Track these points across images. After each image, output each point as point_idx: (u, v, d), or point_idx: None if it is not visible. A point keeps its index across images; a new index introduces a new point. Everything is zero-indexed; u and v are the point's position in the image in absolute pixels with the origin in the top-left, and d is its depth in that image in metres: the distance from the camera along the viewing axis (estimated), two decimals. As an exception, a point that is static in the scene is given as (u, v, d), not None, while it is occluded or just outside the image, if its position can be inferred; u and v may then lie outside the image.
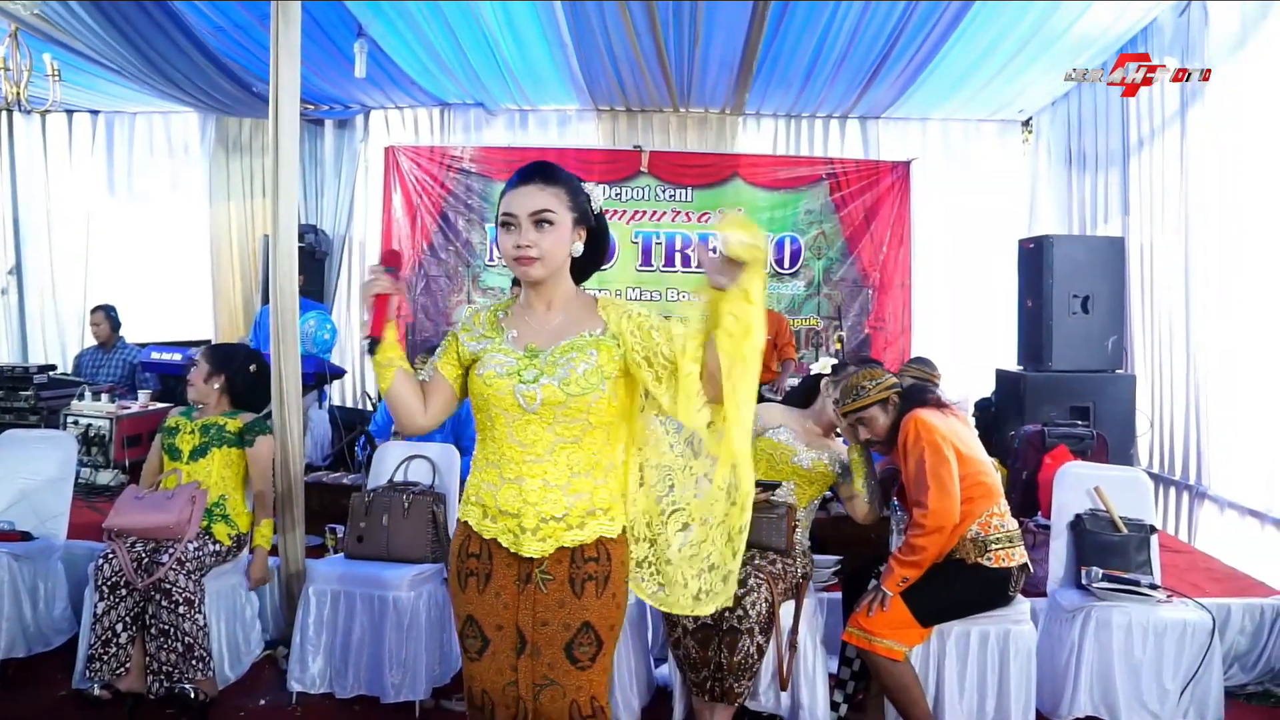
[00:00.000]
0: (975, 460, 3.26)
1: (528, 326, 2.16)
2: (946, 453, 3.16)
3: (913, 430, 3.24)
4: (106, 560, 3.44)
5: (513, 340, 2.14)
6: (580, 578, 2.07)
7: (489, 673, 2.10)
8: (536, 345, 2.11)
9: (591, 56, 6.93)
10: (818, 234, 8.47)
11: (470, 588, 2.13)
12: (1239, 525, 5.10)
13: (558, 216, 2.08)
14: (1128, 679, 3.33)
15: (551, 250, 2.08)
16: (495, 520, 2.10)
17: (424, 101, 8.49)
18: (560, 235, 2.09)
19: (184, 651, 3.38)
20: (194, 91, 7.33)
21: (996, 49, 6.42)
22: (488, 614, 2.11)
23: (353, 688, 3.58)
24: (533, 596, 2.08)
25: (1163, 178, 5.90)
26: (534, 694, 2.06)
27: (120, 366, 6.93)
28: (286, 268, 3.87)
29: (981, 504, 3.21)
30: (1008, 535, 3.22)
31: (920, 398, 3.39)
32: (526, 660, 2.07)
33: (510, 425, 2.08)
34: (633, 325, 2.10)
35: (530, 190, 2.08)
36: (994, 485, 3.27)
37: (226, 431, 3.80)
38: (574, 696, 2.05)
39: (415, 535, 3.70)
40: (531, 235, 2.06)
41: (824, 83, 7.47)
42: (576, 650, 2.06)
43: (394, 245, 8.47)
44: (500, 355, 2.11)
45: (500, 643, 2.09)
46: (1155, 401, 6.01)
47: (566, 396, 2.04)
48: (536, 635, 2.06)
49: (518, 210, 2.07)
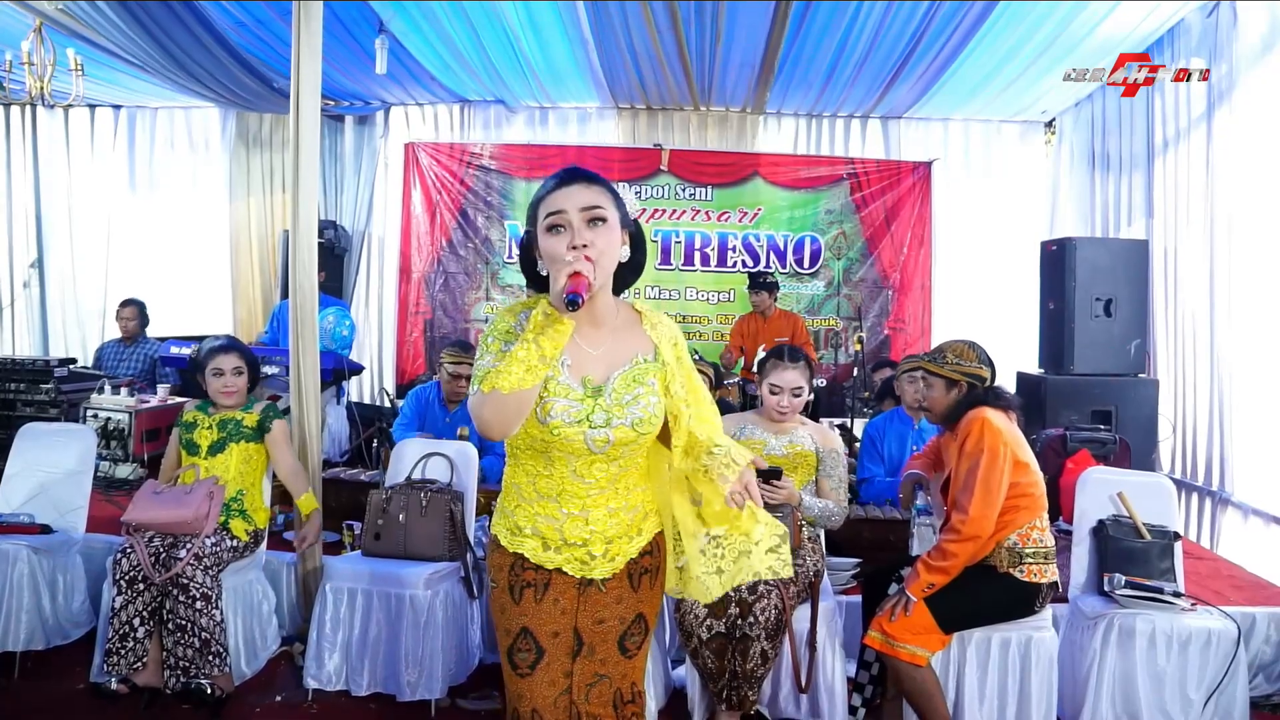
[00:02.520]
0: (1030, 470, 3.21)
1: (580, 352, 1.99)
2: (1002, 463, 3.12)
3: (977, 430, 3.17)
4: (124, 554, 3.45)
5: (568, 372, 1.97)
6: (638, 573, 2.07)
7: (541, 686, 2.03)
8: (593, 378, 1.98)
9: (613, 53, 6.91)
10: (838, 234, 8.43)
11: (526, 599, 2.05)
12: (1263, 533, 5.04)
13: (609, 215, 1.92)
14: (1150, 688, 3.29)
15: (607, 250, 1.91)
16: (559, 551, 2.03)
17: (444, 98, 8.50)
18: (614, 235, 1.94)
19: (200, 647, 3.38)
20: (215, 86, 7.34)
21: (1020, 50, 6.36)
22: (544, 622, 2.04)
23: (369, 685, 3.58)
24: (593, 598, 2.06)
25: (1188, 180, 5.83)
26: (585, 694, 2.04)
27: (141, 360, 6.95)
28: (306, 263, 3.87)
29: (1025, 515, 3.17)
30: (1044, 551, 3.18)
31: (993, 398, 3.30)
32: (581, 661, 2.05)
33: (572, 465, 2.00)
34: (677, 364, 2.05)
35: (577, 189, 1.91)
36: (1041, 498, 3.22)
37: (244, 427, 3.80)
38: (619, 685, 2.06)
39: (433, 533, 3.69)
40: (587, 234, 1.88)
41: (845, 82, 7.43)
42: (628, 641, 2.06)
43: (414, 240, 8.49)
44: (563, 400, 1.94)
45: (556, 650, 2.04)
46: (1178, 406, 5.94)
47: (638, 436, 1.97)
48: (593, 635, 2.05)
49: (568, 206, 1.90)
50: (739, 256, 8.47)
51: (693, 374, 2.09)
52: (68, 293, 9.02)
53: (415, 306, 8.59)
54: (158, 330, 7.34)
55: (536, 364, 1.83)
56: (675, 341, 2.07)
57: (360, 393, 8.58)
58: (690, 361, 2.11)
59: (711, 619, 3.12)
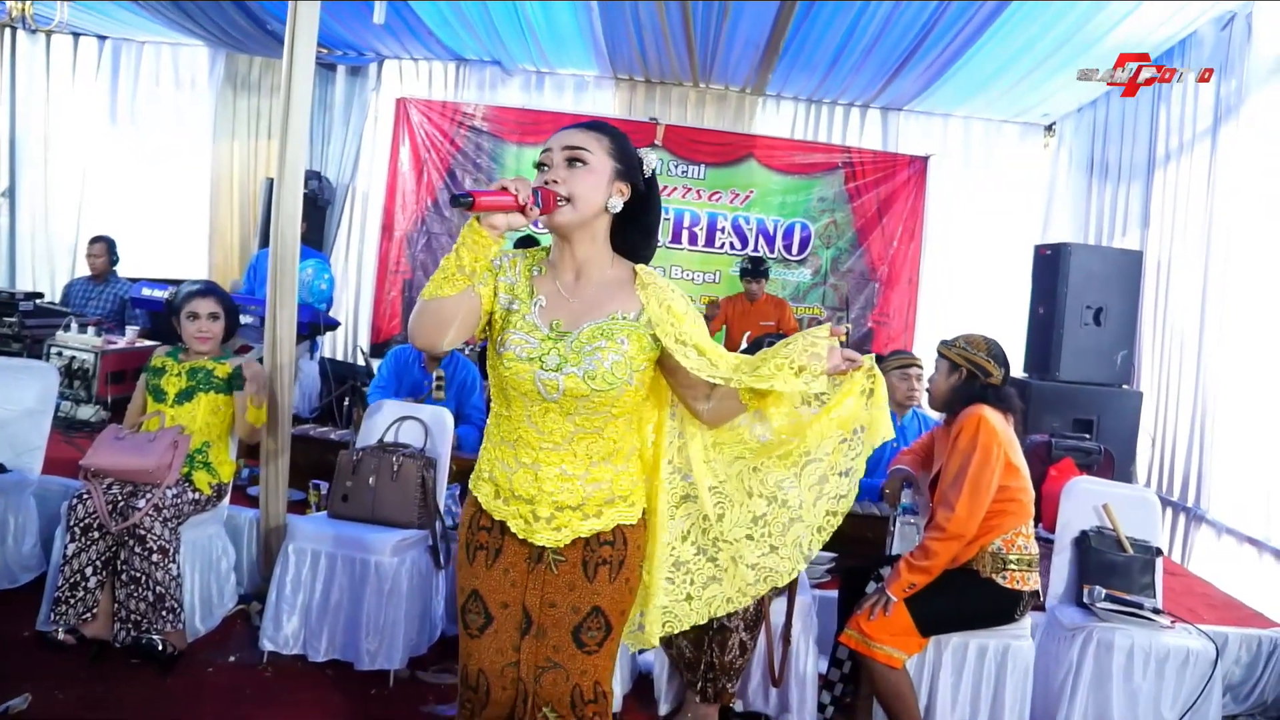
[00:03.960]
0: (1021, 475, 3.15)
1: (556, 295, 1.97)
2: (994, 463, 3.05)
3: (972, 427, 3.10)
4: (81, 500, 3.32)
5: (539, 311, 1.95)
6: (594, 561, 1.98)
7: (488, 651, 1.99)
8: (563, 323, 1.94)
9: (616, 22, 6.77)
10: (829, 222, 8.34)
11: (479, 561, 2.01)
12: (1236, 552, 5.02)
13: (594, 159, 1.91)
14: (1125, 704, 3.24)
15: (582, 194, 1.89)
16: (507, 503, 1.99)
17: (440, 55, 8.33)
18: (595, 180, 1.91)
19: (154, 601, 3.27)
20: (207, 24, 7.15)
21: (1029, 51, 6.28)
22: (494, 590, 2.00)
23: (326, 651, 3.47)
24: (542, 577, 1.98)
25: (1188, 194, 5.77)
26: (535, 676, 1.97)
27: (111, 300, 6.77)
28: (290, 212, 3.74)
29: (1011, 520, 3.10)
30: (1028, 559, 3.12)
31: (992, 392, 3.22)
32: (531, 641, 1.97)
33: (528, 410, 1.95)
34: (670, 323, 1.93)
35: (570, 131, 1.94)
36: (1028, 505, 3.16)
37: (215, 377, 3.67)
38: (577, 680, 1.97)
39: (402, 499, 3.59)
40: (562, 172, 1.89)
41: (849, 70, 7.32)
42: (584, 634, 1.97)
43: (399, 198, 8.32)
44: (522, 335, 1.93)
45: (504, 621, 1.99)
46: (1159, 420, 5.91)
47: (590, 390, 1.89)
48: (543, 617, 1.97)
49: (554, 145, 1.92)
50: (728, 238, 8.37)
51: (701, 329, 1.97)
52: (39, 224, 8.75)
53: (395, 265, 8.43)
54: (129, 270, 7.15)
55: (454, 274, 1.83)
56: (668, 304, 1.95)
57: (334, 349, 8.42)
58: (697, 316, 1.98)
59: (687, 608, 3.04)
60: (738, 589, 2.12)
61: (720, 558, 2.11)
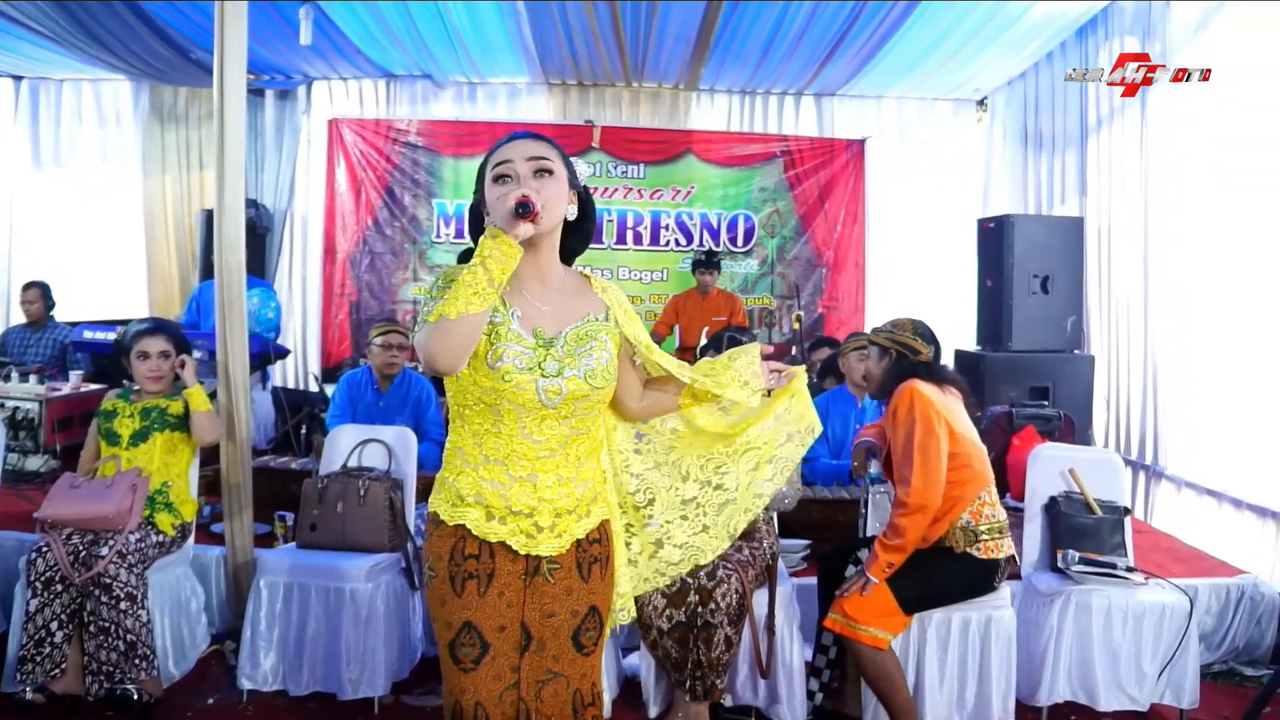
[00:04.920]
0: (967, 440, 3.16)
1: (530, 305, 1.96)
2: (938, 429, 3.07)
3: (907, 400, 3.13)
4: (40, 554, 3.23)
5: (518, 322, 1.93)
6: (587, 561, 1.99)
7: (486, 680, 1.92)
8: (545, 330, 1.94)
9: (545, 25, 6.73)
10: (771, 212, 8.38)
11: (469, 591, 1.93)
12: (1196, 504, 5.12)
13: (556, 168, 1.94)
14: (1107, 663, 3.29)
15: (553, 203, 1.91)
16: (504, 521, 1.93)
17: (369, 72, 8.22)
18: (559, 189, 1.94)
19: (126, 650, 3.18)
20: (127, 57, 6.98)
21: (956, 28, 6.35)
22: (489, 617, 1.93)
23: (307, 684, 3.40)
24: (540, 589, 1.95)
25: (1122, 158, 5.88)
26: (536, 692, 1.93)
27: (50, 346, 6.60)
28: (233, 241, 3.68)
29: (971, 488, 3.12)
30: (998, 526, 3.14)
31: (923, 369, 3.26)
32: (530, 657, 1.94)
33: (522, 421, 1.91)
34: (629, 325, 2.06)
35: (525, 142, 1.94)
36: (983, 471, 3.18)
37: (169, 415, 3.59)
38: (577, 685, 1.96)
39: (372, 523, 3.53)
40: (534, 183, 1.89)
41: (781, 58, 7.35)
42: (583, 636, 1.97)
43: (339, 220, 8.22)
44: (515, 345, 1.90)
45: (502, 645, 1.93)
46: (1112, 382, 6.02)
47: (591, 389, 1.93)
48: (543, 629, 1.94)
49: (514, 156, 1.91)
50: (672, 235, 8.38)
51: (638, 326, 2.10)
52: (-33, 276, 8.53)
53: (340, 288, 8.32)
54: (67, 314, 6.97)
55: (485, 288, 1.77)
56: (625, 307, 2.08)
57: (285, 377, 8.29)
58: (642, 325, 2.11)
59: (671, 609, 3.03)
60: (655, 570, 2.20)
61: (634, 542, 2.19)
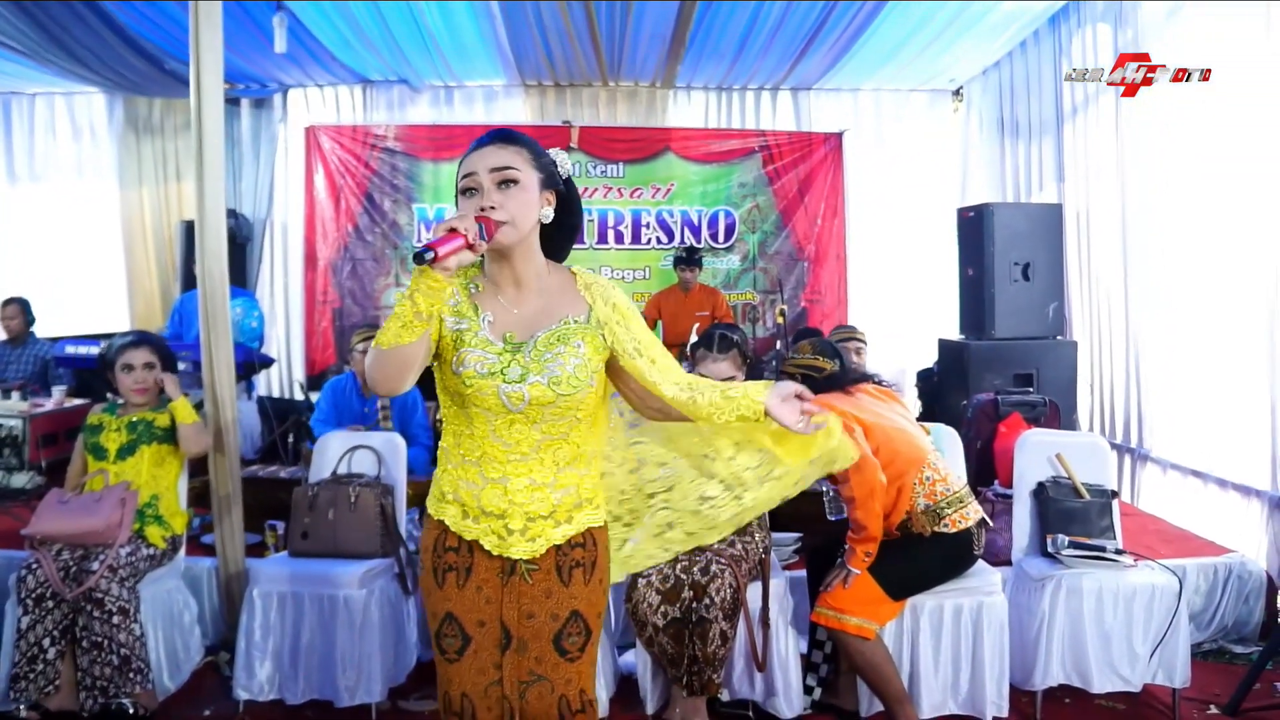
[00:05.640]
0: (882, 427, 3.18)
1: (501, 309, 1.95)
2: (849, 424, 3.07)
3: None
4: (30, 570, 3.21)
5: (489, 327, 1.93)
6: (567, 565, 1.96)
7: (469, 673, 1.95)
8: (515, 335, 1.92)
9: (521, 28, 6.73)
10: (752, 207, 8.39)
11: (449, 583, 1.96)
12: (1181, 486, 5.16)
13: (523, 175, 1.89)
14: (1099, 645, 3.32)
15: (519, 213, 1.87)
16: (478, 521, 1.94)
17: (345, 79, 8.20)
18: (527, 196, 1.89)
19: (120, 664, 3.17)
20: (101, 70, 6.94)
21: (930, 19, 6.38)
22: (469, 610, 1.95)
23: (304, 693, 3.39)
24: (517, 589, 1.94)
25: (1098, 144, 5.92)
26: (520, 693, 1.93)
27: (31, 362, 6.56)
28: (215, 251, 3.67)
29: (908, 470, 3.15)
30: (957, 496, 3.17)
31: (828, 382, 3.33)
32: (512, 657, 1.93)
33: (492, 424, 1.92)
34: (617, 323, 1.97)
35: (490, 150, 1.90)
36: (912, 449, 3.20)
37: (156, 427, 3.58)
38: (563, 691, 1.94)
39: (364, 530, 3.53)
40: (495, 196, 1.86)
41: (757, 54, 7.37)
42: (565, 641, 1.94)
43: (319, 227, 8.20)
44: (479, 351, 1.90)
45: (483, 640, 1.95)
46: (1095, 366, 6.06)
47: (556, 396, 1.89)
48: (522, 629, 1.93)
49: (478, 168, 1.88)
50: (653, 233, 8.39)
51: (645, 328, 2.02)
52: (-56, 294, 8.45)
53: (323, 295, 8.30)
54: (47, 329, 6.93)
55: (412, 320, 1.78)
56: (613, 302, 1.99)
57: (269, 386, 8.26)
58: (639, 315, 2.03)
59: (666, 605, 3.03)
60: (660, 546, 2.19)
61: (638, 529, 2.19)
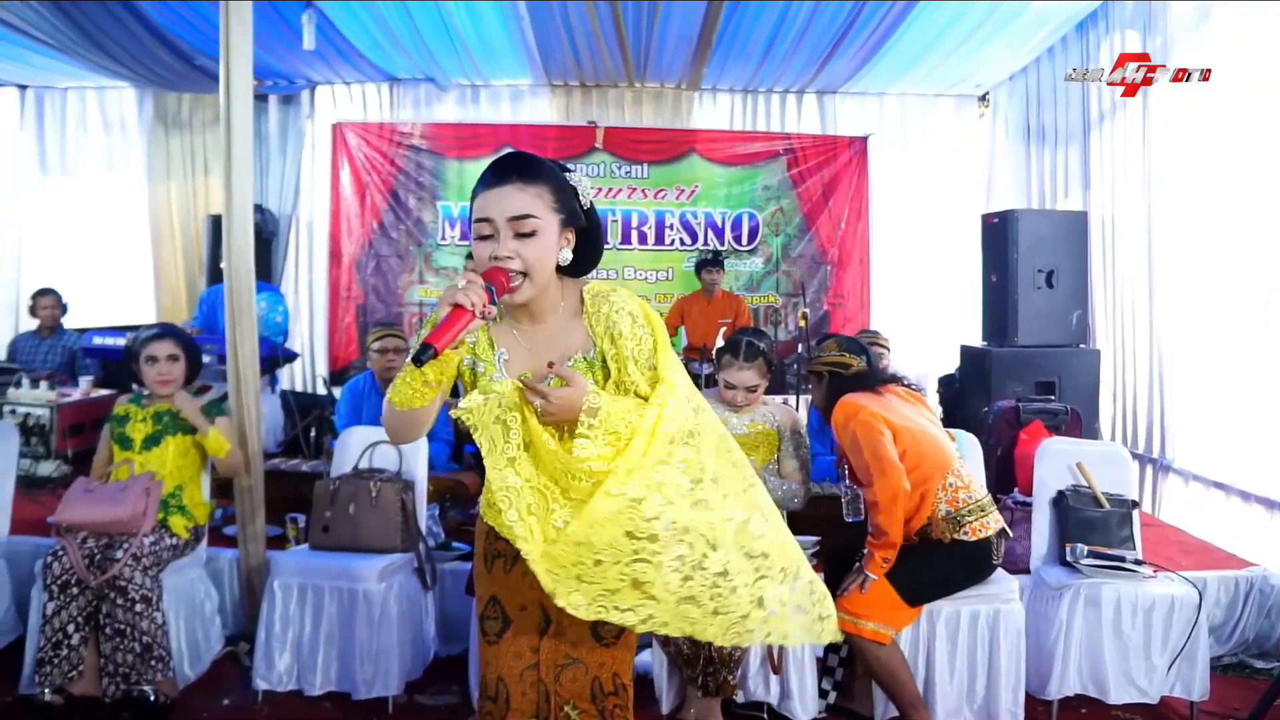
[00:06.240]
0: (911, 430, 3.18)
1: (517, 345, 1.94)
2: (877, 426, 3.13)
3: (841, 414, 3.22)
4: (56, 557, 3.25)
5: (503, 365, 1.92)
6: None
7: (507, 656, 2.00)
8: (530, 375, 1.88)
9: (548, 28, 6.75)
10: (775, 210, 8.39)
11: (496, 568, 2.02)
12: (1204, 498, 5.12)
13: (542, 223, 1.82)
14: (1117, 656, 3.30)
15: (537, 264, 1.82)
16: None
17: (372, 76, 8.25)
18: (546, 244, 1.83)
19: (142, 652, 3.21)
20: (131, 65, 7.01)
21: (957, 24, 6.36)
22: (513, 594, 2.00)
23: (322, 684, 3.43)
24: None
25: (1125, 152, 5.88)
26: (555, 675, 1.98)
27: (60, 352, 6.64)
28: (241, 247, 3.70)
29: (933, 475, 3.13)
30: (979, 505, 3.16)
31: (856, 380, 3.34)
32: (550, 641, 1.99)
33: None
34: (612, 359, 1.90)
35: (508, 191, 1.80)
36: (939, 454, 3.19)
37: (181, 419, 3.61)
38: (596, 673, 1.99)
39: (384, 524, 3.56)
40: (511, 244, 1.80)
41: (783, 57, 7.36)
42: (602, 628, 1.97)
43: (344, 223, 8.25)
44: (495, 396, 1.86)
45: (523, 623, 2.00)
46: (1118, 375, 6.02)
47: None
48: (561, 614, 1.95)
49: (494, 214, 1.80)
50: (676, 234, 8.40)
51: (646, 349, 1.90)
52: (-26, 284, 8.57)
53: (347, 291, 8.36)
54: (74, 321, 7.01)
55: (421, 389, 1.80)
56: (613, 333, 1.90)
57: (293, 381, 8.32)
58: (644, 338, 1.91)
59: (683, 604, 3.04)
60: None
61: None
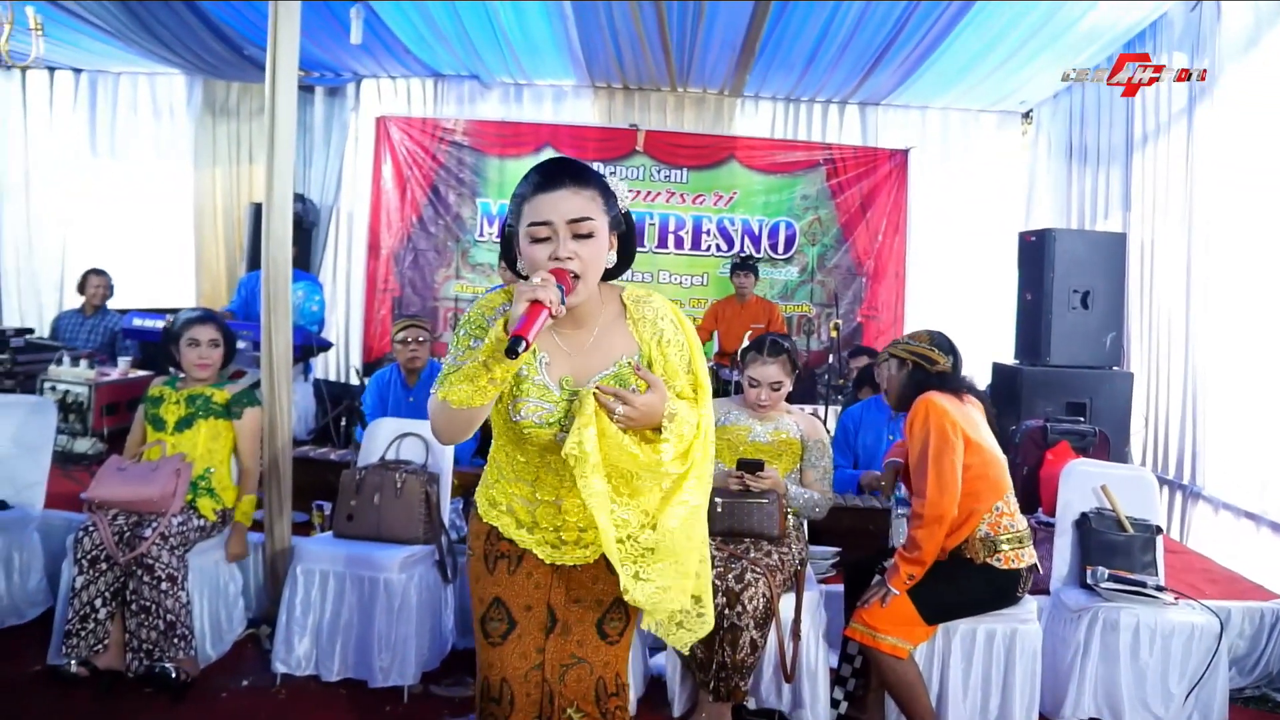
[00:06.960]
0: (984, 450, 3.15)
1: (559, 350, 1.93)
2: (953, 439, 3.06)
3: (923, 412, 3.13)
4: (86, 533, 3.33)
5: (545, 370, 1.90)
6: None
7: (512, 657, 2.00)
8: (572, 379, 1.90)
9: (592, 30, 6.79)
10: (813, 220, 8.39)
11: (500, 570, 2.03)
12: (1234, 527, 5.06)
13: (597, 225, 1.84)
14: (1133, 681, 3.28)
15: (593, 265, 1.84)
16: (531, 532, 2.00)
17: (417, 71, 8.33)
18: (600, 246, 1.86)
19: (165, 629, 3.28)
20: (182, 52, 7.14)
21: (1003, 40, 6.33)
22: (517, 595, 2.01)
23: (339, 671, 3.48)
24: (566, 575, 2.00)
25: (1167, 175, 5.83)
26: (560, 675, 1.99)
27: (101, 332, 6.77)
28: (280, 236, 3.75)
29: (988, 498, 3.10)
30: (1018, 535, 3.13)
31: (940, 379, 3.25)
32: (555, 640, 2.00)
33: (545, 457, 1.94)
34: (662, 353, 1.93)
35: (565, 195, 1.81)
36: (1000, 480, 3.16)
37: (214, 403, 3.68)
38: (600, 673, 2.00)
39: (408, 516, 3.60)
40: (571, 245, 1.80)
41: (826, 67, 7.36)
42: (608, 625, 2.00)
43: (384, 216, 8.34)
44: (535, 400, 1.88)
45: (528, 624, 2.01)
46: (1151, 399, 5.96)
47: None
48: (568, 613, 1.99)
49: (553, 217, 1.80)
50: (713, 240, 8.41)
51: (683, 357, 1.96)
52: (23, 260, 8.72)
53: (384, 284, 8.45)
54: (118, 302, 7.14)
55: (485, 386, 1.77)
56: (658, 338, 1.94)
57: (326, 370, 8.42)
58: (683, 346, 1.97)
59: (697, 609, 3.06)
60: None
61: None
